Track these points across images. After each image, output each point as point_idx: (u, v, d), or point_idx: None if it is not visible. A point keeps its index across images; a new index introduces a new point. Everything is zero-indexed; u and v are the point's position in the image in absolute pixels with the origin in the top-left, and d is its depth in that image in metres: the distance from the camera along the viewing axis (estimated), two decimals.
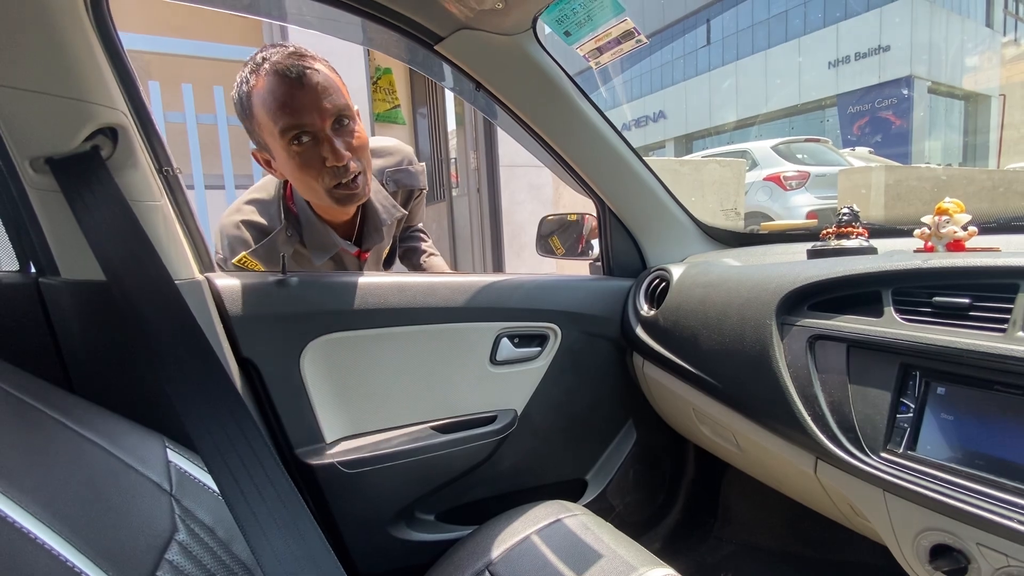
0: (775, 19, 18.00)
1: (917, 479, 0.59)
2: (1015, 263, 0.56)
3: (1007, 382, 0.55)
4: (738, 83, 19.12)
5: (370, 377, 0.93)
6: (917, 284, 0.65)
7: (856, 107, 15.39)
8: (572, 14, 0.79)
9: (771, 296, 0.78)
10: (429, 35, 0.83)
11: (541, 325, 1.06)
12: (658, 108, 22.47)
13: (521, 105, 0.93)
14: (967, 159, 15.66)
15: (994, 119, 15.56)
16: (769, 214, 6.01)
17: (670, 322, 0.99)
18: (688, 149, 20.45)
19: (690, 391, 0.97)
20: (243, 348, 0.82)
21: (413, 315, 0.94)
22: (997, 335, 0.55)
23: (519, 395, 1.05)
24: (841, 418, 0.67)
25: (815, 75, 16.58)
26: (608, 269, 1.21)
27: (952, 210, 0.68)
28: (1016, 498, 0.52)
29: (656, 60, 22.73)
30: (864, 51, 15.24)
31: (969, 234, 0.68)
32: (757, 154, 6.44)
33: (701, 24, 20.66)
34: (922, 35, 14.52)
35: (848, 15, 15.79)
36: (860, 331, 0.67)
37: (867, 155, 7.74)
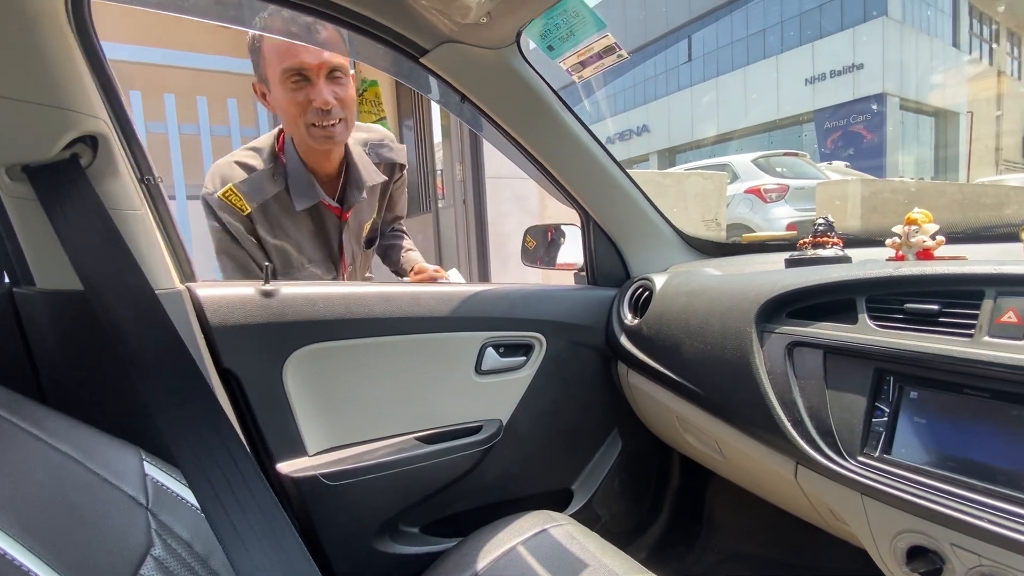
0: (753, 37, 18.52)
1: (893, 482, 0.60)
2: (980, 271, 0.59)
3: (975, 385, 0.57)
4: (719, 98, 19.56)
5: (354, 388, 0.92)
6: (889, 291, 0.67)
7: (832, 122, 15.85)
8: (555, 29, 0.81)
9: (751, 304, 0.79)
10: (414, 48, 0.84)
11: (526, 335, 1.07)
12: (642, 122, 22.85)
13: (506, 118, 0.95)
14: (938, 173, 16.18)
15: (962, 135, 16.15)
16: (751, 226, 6.12)
17: (653, 331, 1.01)
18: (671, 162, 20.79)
19: (674, 399, 0.98)
20: (224, 359, 0.81)
21: (398, 325, 0.94)
22: (965, 340, 0.57)
23: (504, 405, 1.05)
24: (819, 423, 0.69)
25: (792, 91, 17.06)
26: (592, 279, 1.23)
27: (921, 220, 0.71)
28: (986, 498, 0.53)
29: (639, 75, 23.17)
30: (839, 69, 15.74)
31: (937, 243, 0.70)
32: (738, 167, 6.58)
33: (683, 40, 21.15)
34: (893, 54, 15.05)
35: (823, 34, 16.32)
36: (836, 337, 0.69)
37: (843, 169, 7.95)
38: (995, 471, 0.54)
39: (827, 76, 16.11)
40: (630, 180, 1.11)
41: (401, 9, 0.77)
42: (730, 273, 0.99)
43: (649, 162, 22.25)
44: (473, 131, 1.39)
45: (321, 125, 1.08)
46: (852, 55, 15.38)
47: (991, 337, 0.56)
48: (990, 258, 0.70)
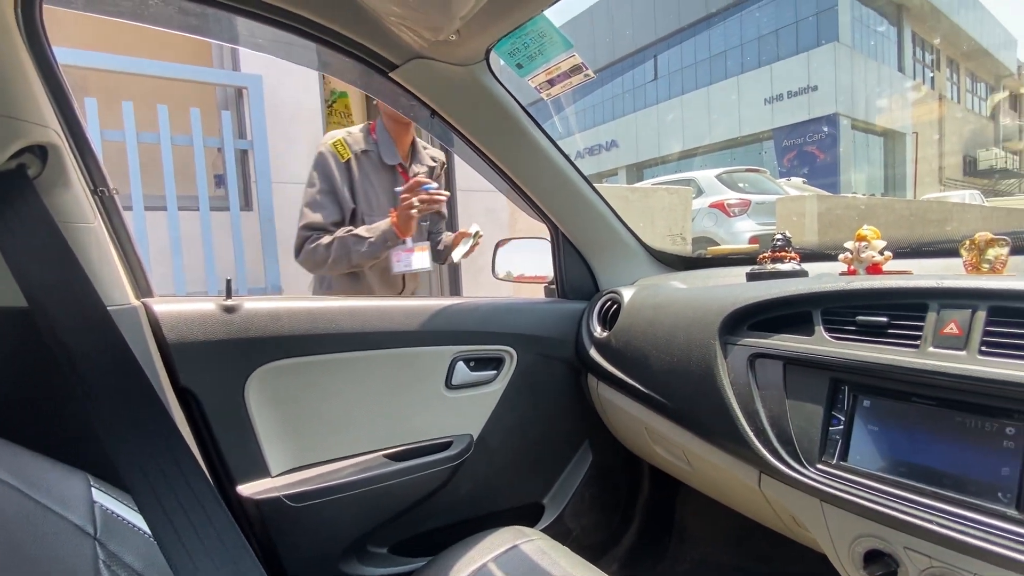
0: (715, 58, 19.27)
1: (849, 488, 0.62)
2: (924, 284, 0.62)
3: (922, 394, 0.60)
4: (683, 116, 20.21)
5: (320, 405, 0.90)
6: (842, 304, 0.70)
7: (789, 140, 16.58)
8: (524, 48, 0.83)
9: (714, 317, 0.82)
10: (384, 63, 0.84)
11: (497, 348, 1.07)
12: (611, 137, 23.36)
13: (476, 133, 0.96)
14: (887, 190, 17.09)
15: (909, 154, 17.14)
16: (715, 239, 6.31)
17: (622, 343, 1.02)
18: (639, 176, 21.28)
19: (642, 410, 0.99)
20: (182, 377, 0.78)
21: (366, 340, 0.93)
22: (911, 351, 0.60)
23: (475, 419, 1.04)
24: (780, 432, 0.71)
25: (752, 110, 17.78)
26: (562, 292, 1.24)
27: (870, 236, 0.74)
28: (934, 502, 0.56)
29: (608, 92, 23.74)
30: (795, 90, 16.52)
31: (885, 258, 0.74)
32: (702, 182, 6.78)
33: (649, 60, 21.81)
34: (844, 77, 15.91)
35: (780, 57, 17.12)
36: (794, 349, 0.71)
37: (801, 185, 8.30)
38: (942, 475, 0.57)
39: (784, 97, 16.89)
40: (598, 195, 1.13)
41: (372, 24, 0.77)
42: (694, 286, 1.01)
43: (618, 176, 22.72)
44: (443, 145, 1.41)
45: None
46: (807, 77, 16.18)
47: (935, 348, 0.59)
48: (934, 272, 0.74)
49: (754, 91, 17.72)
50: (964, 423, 0.57)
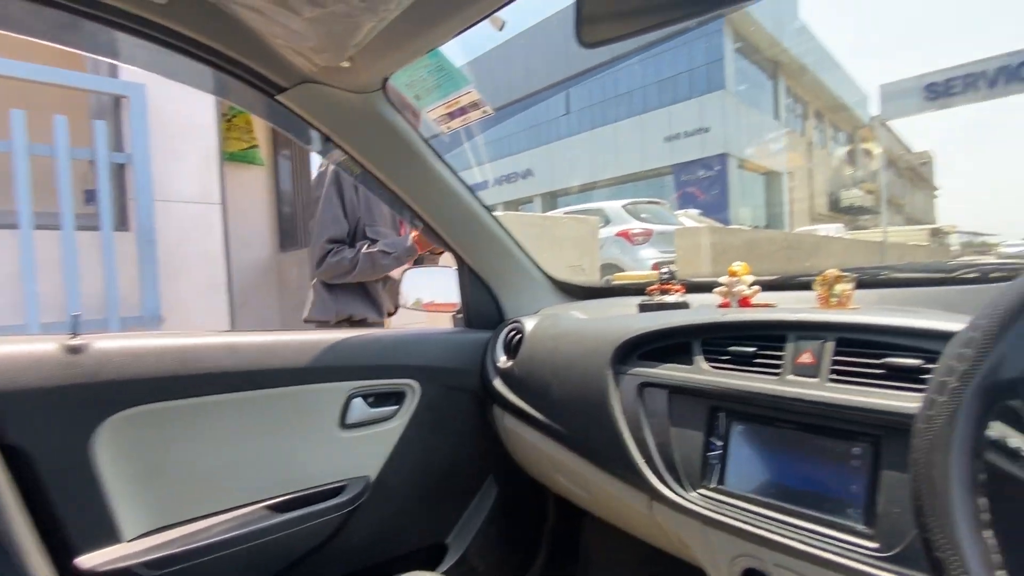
0: (621, 97, 20.76)
1: (725, 511, 0.66)
2: (783, 317, 0.68)
3: (784, 419, 0.65)
4: (594, 149, 21.41)
5: (190, 455, 0.80)
6: (717, 335, 0.75)
7: (686, 176, 18.16)
8: (421, 81, 0.83)
9: (607, 348, 0.84)
10: (270, 84, 0.80)
11: (398, 382, 1.02)
12: (526, 166, 24.13)
13: (373, 161, 0.93)
14: (770, 223, 19.18)
15: (785, 192, 19.46)
16: (621, 265, 6.67)
17: (524, 373, 1.02)
18: (554, 204, 22.08)
19: (544, 440, 0.99)
20: (10, 432, 0.66)
21: (248, 379, 0.85)
22: (774, 378, 0.66)
23: (373, 459, 0.99)
24: (666, 459, 0.74)
25: (654, 147, 19.29)
26: (468, 321, 1.23)
27: (740, 272, 0.81)
28: (797, 520, 0.61)
29: (524, 122, 24.60)
30: (690, 130, 18.21)
31: (753, 292, 0.81)
32: (610, 212, 7.18)
33: (562, 94, 22.97)
34: (731, 122, 17.80)
35: (677, 100, 18.82)
36: (677, 378, 0.75)
37: (696, 216, 9.06)
38: (804, 495, 0.62)
39: (681, 136, 18.53)
40: (500, 226, 1.14)
41: (257, 46, 0.73)
42: (593, 316, 1.05)
43: (533, 204, 23.44)
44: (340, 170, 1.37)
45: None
46: (700, 120, 17.91)
47: (793, 376, 0.64)
48: (795, 304, 0.82)
49: (655, 130, 19.27)
50: (820, 445, 0.62)
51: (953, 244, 27.95)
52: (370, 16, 0.62)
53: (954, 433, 0.36)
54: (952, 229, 30.75)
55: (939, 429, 0.36)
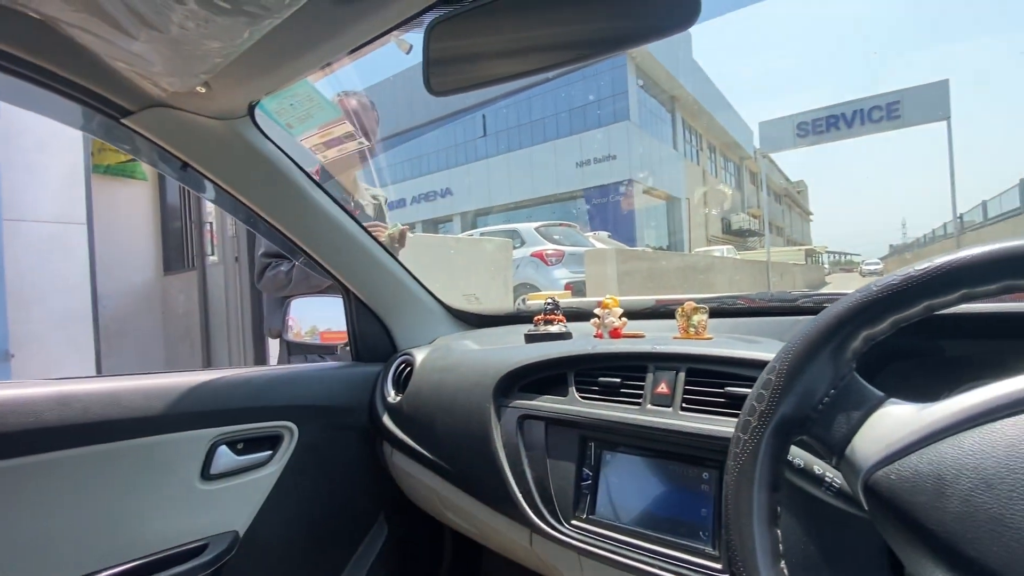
0: (535, 123, 21.54)
1: (595, 541, 0.68)
2: (641, 349, 0.72)
3: (645, 446, 0.69)
4: (510, 171, 21.93)
5: (18, 522, 0.69)
6: (589, 366, 0.78)
7: (596, 200, 19.14)
8: (291, 109, 0.79)
9: (490, 380, 0.84)
10: (115, 108, 0.73)
11: (272, 425, 0.95)
12: (445, 186, 24.13)
13: (240, 189, 0.87)
14: (671, 245, 20.68)
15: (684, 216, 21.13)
16: (536, 285, 6.83)
17: (412, 408, 1.00)
18: (473, 224, 22.21)
19: (433, 477, 0.97)
20: None
21: (84, 434, 0.75)
22: (636, 408, 0.69)
23: (242, 512, 0.90)
24: (543, 491, 0.75)
25: (567, 172, 20.16)
26: (356, 354, 1.18)
27: (611, 304, 0.86)
28: (658, 547, 0.63)
29: (442, 142, 24.66)
30: (599, 157, 19.27)
31: (623, 323, 0.86)
32: (524, 234, 7.35)
33: (479, 116, 23.36)
34: (635, 150, 19.09)
35: (587, 128, 19.89)
36: (552, 409, 0.77)
37: (605, 238, 9.52)
38: (664, 520, 0.65)
39: (591, 162, 19.56)
40: (388, 253, 1.12)
41: (99, 69, 0.66)
42: (483, 347, 1.05)
43: (453, 223, 23.43)
44: (203, 197, 1.28)
45: None
46: (608, 148, 19.03)
47: (652, 405, 0.68)
48: (662, 334, 0.88)
49: (568, 155, 20.18)
50: (676, 472, 0.66)
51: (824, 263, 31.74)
52: (219, 45, 0.58)
53: (756, 469, 0.39)
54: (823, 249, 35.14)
55: (744, 465, 0.39)
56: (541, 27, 0.45)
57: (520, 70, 0.48)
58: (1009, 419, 0.32)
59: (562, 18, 0.43)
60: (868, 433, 0.37)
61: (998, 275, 0.34)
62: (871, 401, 0.38)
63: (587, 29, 0.43)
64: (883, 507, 0.35)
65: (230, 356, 2.96)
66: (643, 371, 0.72)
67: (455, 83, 0.49)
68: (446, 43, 0.47)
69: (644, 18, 0.40)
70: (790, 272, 14.82)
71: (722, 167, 28.41)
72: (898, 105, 14.98)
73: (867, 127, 15.76)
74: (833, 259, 37.36)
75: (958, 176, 17.60)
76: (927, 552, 0.32)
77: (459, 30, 0.46)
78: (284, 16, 0.52)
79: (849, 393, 0.38)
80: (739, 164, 30.72)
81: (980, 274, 0.35)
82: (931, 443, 0.33)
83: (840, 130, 16.28)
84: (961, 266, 0.35)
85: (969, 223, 16.00)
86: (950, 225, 18.10)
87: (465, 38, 0.46)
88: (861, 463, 0.36)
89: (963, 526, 0.30)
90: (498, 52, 0.47)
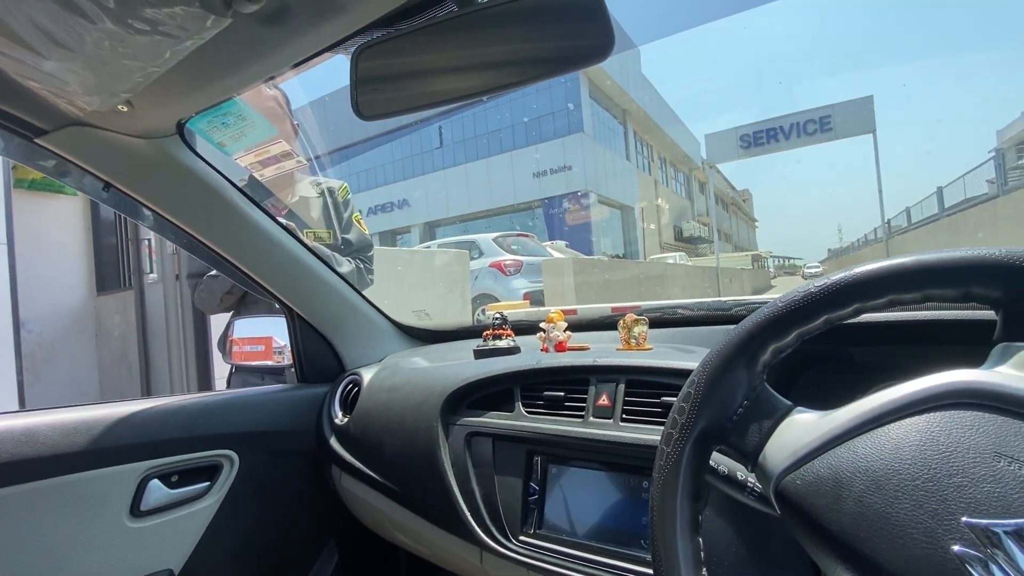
0: (492, 134, 21.71)
1: (543, 556, 0.68)
2: (583, 362, 0.74)
3: (588, 458, 0.70)
4: (468, 182, 21.96)
5: None
6: (534, 380, 0.79)
7: (554, 210, 19.43)
8: (223, 127, 0.77)
9: (437, 399, 0.84)
10: (28, 128, 0.68)
11: (209, 455, 0.91)
12: (402, 196, 23.87)
13: (172, 209, 0.84)
14: (627, 253, 21.22)
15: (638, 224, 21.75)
16: (496, 295, 6.84)
17: (360, 429, 0.98)
18: (432, 235, 22.05)
19: (382, 500, 0.95)
20: None
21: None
22: (579, 421, 0.71)
23: (176, 549, 0.86)
24: (491, 509, 0.75)
25: (524, 182, 20.39)
26: (302, 376, 1.14)
27: (556, 319, 0.87)
28: (602, 557, 0.64)
29: (397, 153, 24.43)
30: (556, 168, 19.60)
31: (567, 336, 0.88)
32: (482, 245, 7.37)
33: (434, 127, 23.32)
34: (590, 161, 19.54)
35: (543, 139, 20.22)
36: (499, 425, 0.77)
37: (563, 248, 9.67)
38: (607, 531, 0.67)
39: (548, 173, 19.86)
40: (333, 272, 1.10)
41: (9, 90, 0.62)
42: (433, 363, 1.04)
43: (411, 234, 23.19)
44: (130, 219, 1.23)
45: None
46: (563, 158, 19.39)
47: (594, 417, 0.70)
48: (606, 346, 0.90)
49: (525, 166, 20.43)
50: (619, 481, 0.68)
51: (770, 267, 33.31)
52: (139, 64, 0.56)
53: (679, 480, 0.41)
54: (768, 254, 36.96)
55: (667, 477, 0.41)
56: (465, 55, 0.46)
57: (447, 96, 0.48)
58: (895, 423, 0.35)
59: (483, 48, 0.44)
60: (777, 441, 0.39)
61: (885, 290, 0.38)
62: (780, 410, 0.40)
63: (508, 59, 0.44)
64: (791, 510, 0.37)
65: (171, 380, 2.80)
66: (586, 384, 0.73)
67: (383, 107, 0.49)
68: (373, 68, 0.47)
69: (561, 50, 0.42)
70: (739, 277, 15.48)
71: (672, 177, 29.48)
72: (830, 119, 16.06)
73: (803, 139, 16.82)
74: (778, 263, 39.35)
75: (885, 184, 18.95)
76: (830, 551, 0.34)
77: (385, 55, 0.46)
78: (207, 38, 0.51)
79: (761, 403, 0.41)
80: (688, 174, 31.96)
81: (870, 289, 0.38)
82: (831, 448, 0.36)
83: (779, 141, 17.29)
84: (853, 283, 0.38)
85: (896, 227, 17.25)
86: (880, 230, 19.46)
87: (391, 64, 0.46)
88: (772, 469, 0.38)
89: (857, 525, 0.33)
90: (424, 78, 0.47)
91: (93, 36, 0.51)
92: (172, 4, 0.47)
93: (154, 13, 0.48)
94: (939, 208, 12.41)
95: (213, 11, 0.47)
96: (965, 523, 0.29)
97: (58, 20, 0.50)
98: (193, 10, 0.47)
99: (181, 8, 0.47)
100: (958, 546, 0.29)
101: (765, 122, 17.85)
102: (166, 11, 0.47)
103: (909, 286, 0.37)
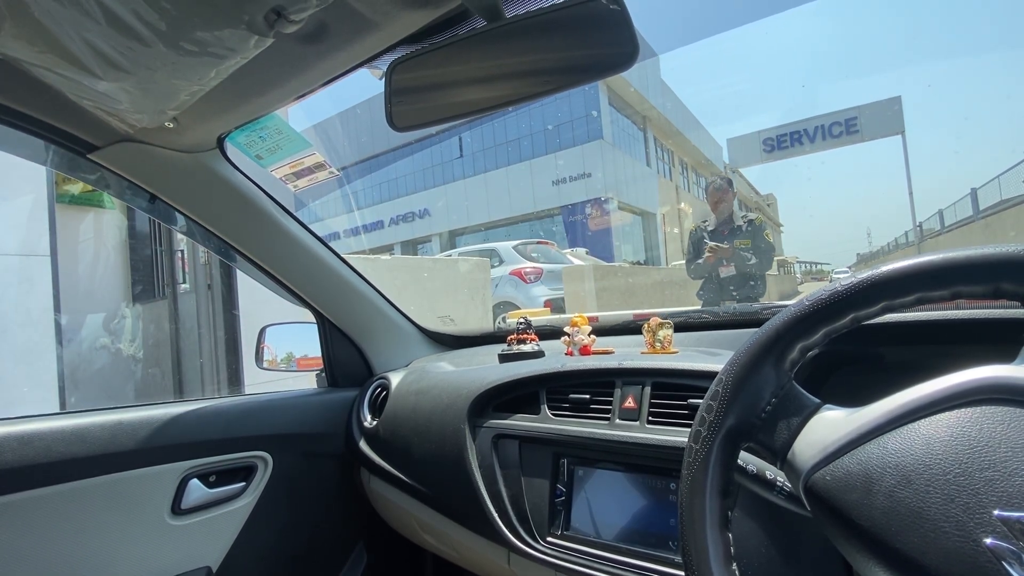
0: (511, 143, 21.89)
1: (571, 557, 0.69)
2: (608, 365, 0.75)
3: (616, 460, 0.71)
4: (488, 191, 22.15)
5: None
6: (559, 384, 0.80)
7: (574, 217, 19.42)
8: (260, 141, 0.81)
9: (464, 401, 0.86)
10: (81, 144, 0.73)
11: (246, 456, 0.94)
12: (423, 206, 24.19)
13: (210, 220, 0.88)
14: (648, 259, 21.05)
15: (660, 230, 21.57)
16: (516, 303, 6.86)
17: (389, 432, 1.00)
18: (452, 243, 22.25)
19: (410, 501, 0.96)
20: None
21: (47, 473, 0.73)
22: (605, 423, 0.71)
23: (215, 546, 0.89)
24: (519, 510, 0.76)
25: (544, 190, 20.46)
26: (332, 380, 1.18)
27: (580, 323, 0.88)
28: (630, 559, 0.65)
29: (419, 164, 24.80)
30: (575, 175, 19.63)
31: (591, 340, 0.88)
32: (502, 253, 7.41)
33: (455, 138, 23.62)
34: (610, 167, 19.51)
35: (562, 147, 20.29)
36: (525, 427, 0.78)
37: (583, 255, 9.64)
38: (635, 532, 0.67)
39: (567, 180, 19.89)
40: (361, 278, 1.13)
41: (64, 107, 0.67)
42: (458, 368, 1.06)
43: (432, 243, 23.44)
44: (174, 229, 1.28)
45: None
46: (583, 166, 19.42)
47: (620, 420, 0.70)
48: (631, 349, 0.90)
49: (544, 174, 20.51)
50: (645, 483, 0.68)
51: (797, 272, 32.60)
52: (186, 83, 0.60)
53: (708, 477, 0.41)
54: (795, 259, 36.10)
55: (695, 474, 0.42)
56: (492, 67, 0.48)
57: (476, 107, 0.50)
58: (925, 419, 0.35)
59: (510, 60, 0.46)
60: (806, 438, 0.39)
61: (912, 287, 0.38)
62: (809, 407, 0.41)
63: (534, 69, 0.46)
64: (822, 507, 0.37)
65: (203, 387, 2.89)
66: (611, 387, 0.74)
67: (416, 118, 0.52)
68: (406, 81, 0.50)
69: (586, 60, 0.44)
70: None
71: (694, 182, 29.20)
72: (856, 121, 15.70)
73: (828, 142, 16.46)
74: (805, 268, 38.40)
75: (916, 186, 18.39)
76: (861, 547, 0.35)
77: (417, 69, 0.49)
78: (250, 56, 0.54)
79: (789, 401, 0.41)
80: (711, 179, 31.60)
81: (897, 287, 0.38)
82: (860, 444, 0.36)
83: (804, 145, 16.97)
84: (880, 280, 0.38)
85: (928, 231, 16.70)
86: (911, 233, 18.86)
87: (423, 77, 0.49)
88: (801, 466, 0.39)
89: (888, 520, 0.33)
90: (454, 89, 0.49)
91: (146, 57, 0.55)
92: (220, 26, 0.50)
93: (203, 35, 0.51)
94: (974, 210, 11.99)
95: (257, 32, 0.50)
96: (997, 516, 0.29)
97: (114, 43, 0.53)
98: (239, 31, 0.50)
99: (228, 30, 0.50)
100: (990, 539, 0.29)
101: (789, 125, 17.55)
102: (214, 33, 0.51)
103: (937, 283, 0.37)
